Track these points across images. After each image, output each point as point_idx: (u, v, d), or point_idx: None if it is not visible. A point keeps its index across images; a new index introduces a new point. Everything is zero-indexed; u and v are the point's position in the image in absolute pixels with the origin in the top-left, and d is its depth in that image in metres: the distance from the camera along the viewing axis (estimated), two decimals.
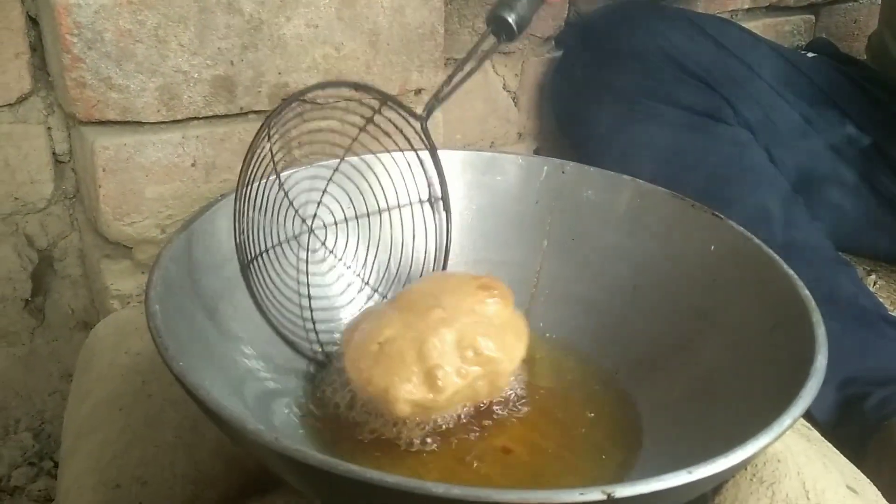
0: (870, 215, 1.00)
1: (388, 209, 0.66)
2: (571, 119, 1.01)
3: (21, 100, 0.78)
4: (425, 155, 0.64)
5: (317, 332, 0.61)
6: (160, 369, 0.62)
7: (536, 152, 1.10)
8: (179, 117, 0.76)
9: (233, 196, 0.57)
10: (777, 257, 0.58)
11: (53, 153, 0.81)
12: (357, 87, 0.60)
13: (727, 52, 0.96)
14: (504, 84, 1.04)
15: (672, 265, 0.64)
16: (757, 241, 0.60)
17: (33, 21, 0.76)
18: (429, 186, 0.65)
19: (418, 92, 0.87)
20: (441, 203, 0.66)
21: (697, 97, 0.91)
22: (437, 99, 0.62)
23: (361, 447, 0.54)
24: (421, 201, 0.66)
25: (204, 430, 0.58)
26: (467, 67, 0.63)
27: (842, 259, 0.92)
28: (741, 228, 0.61)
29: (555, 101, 1.05)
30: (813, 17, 1.28)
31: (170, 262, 0.53)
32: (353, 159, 0.62)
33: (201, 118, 0.77)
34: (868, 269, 1.03)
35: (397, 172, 0.65)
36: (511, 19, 0.64)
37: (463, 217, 0.72)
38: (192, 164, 0.77)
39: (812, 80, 1.01)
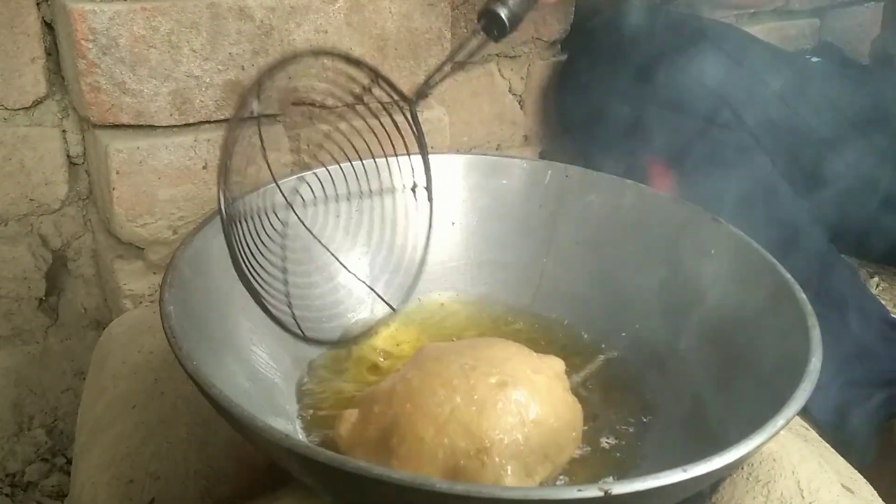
0: (873, 218, 1.00)
1: (371, 194, 0.64)
2: (576, 123, 1.02)
3: (36, 103, 0.79)
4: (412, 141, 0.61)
5: (293, 311, 0.56)
6: (173, 368, 0.63)
7: (542, 155, 1.11)
8: (191, 121, 0.77)
9: (245, 199, 0.58)
10: (775, 261, 0.58)
11: (68, 155, 0.82)
12: (349, 59, 0.57)
13: (731, 58, 0.97)
14: (510, 87, 1.05)
15: (673, 268, 0.65)
16: (755, 244, 0.61)
17: (48, 26, 0.78)
18: (413, 174, 0.63)
19: (425, 96, 0.88)
20: (425, 192, 0.63)
21: (701, 103, 0.92)
22: (428, 85, 0.61)
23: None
24: (405, 189, 0.64)
25: (216, 427, 0.59)
26: (459, 57, 0.62)
27: (845, 262, 0.93)
28: (740, 232, 0.62)
29: (560, 105, 1.06)
30: (818, 21, 1.29)
31: (184, 264, 0.54)
32: (341, 140, 0.60)
33: (212, 122, 0.78)
34: (871, 271, 1.03)
35: (383, 158, 0.62)
36: (503, 14, 0.61)
37: (468, 219, 0.73)
38: (204, 167, 0.79)
39: (816, 85, 1.01)
